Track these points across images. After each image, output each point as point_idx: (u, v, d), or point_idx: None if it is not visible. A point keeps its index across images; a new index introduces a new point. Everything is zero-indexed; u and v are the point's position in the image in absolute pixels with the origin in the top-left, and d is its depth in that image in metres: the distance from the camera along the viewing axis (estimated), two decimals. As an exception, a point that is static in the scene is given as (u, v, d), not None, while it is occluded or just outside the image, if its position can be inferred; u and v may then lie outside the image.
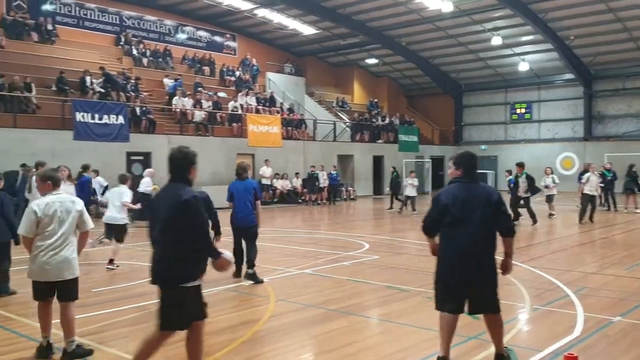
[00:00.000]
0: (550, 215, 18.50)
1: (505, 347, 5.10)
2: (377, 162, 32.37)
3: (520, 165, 17.25)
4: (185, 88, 25.67)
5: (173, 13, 30.55)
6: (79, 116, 19.43)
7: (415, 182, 21.11)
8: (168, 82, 26.03)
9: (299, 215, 21.02)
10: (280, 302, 7.42)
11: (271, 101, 29.39)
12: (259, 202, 8.92)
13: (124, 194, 10.28)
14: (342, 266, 10.10)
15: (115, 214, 10.20)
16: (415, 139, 33.86)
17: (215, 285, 8.38)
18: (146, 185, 16.04)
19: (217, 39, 32.78)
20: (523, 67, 33.63)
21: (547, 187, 19.14)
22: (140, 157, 21.59)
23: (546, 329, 6.26)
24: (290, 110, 30.28)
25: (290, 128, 28.36)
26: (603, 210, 20.42)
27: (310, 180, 25.80)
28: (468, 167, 4.96)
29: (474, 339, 5.80)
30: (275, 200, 24.95)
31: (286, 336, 5.97)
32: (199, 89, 26.21)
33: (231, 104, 26.26)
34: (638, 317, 6.59)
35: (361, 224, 18.45)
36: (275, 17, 30.61)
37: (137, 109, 22.48)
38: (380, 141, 32.98)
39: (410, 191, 20.88)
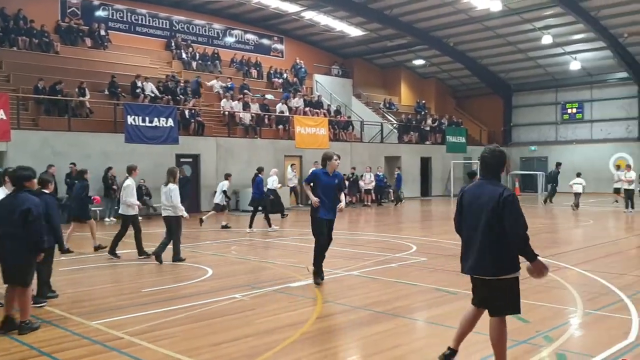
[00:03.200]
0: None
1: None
2: (425, 163, 32.10)
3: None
4: (234, 92, 26.13)
5: (221, 17, 31.11)
6: (130, 119, 20.00)
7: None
8: (216, 84, 26.51)
9: (345, 217, 21.05)
10: (328, 303, 7.47)
11: (318, 103, 29.55)
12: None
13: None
14: (390, 268, 10.08)
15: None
16: (463, 140, 33.41)
17: (263, 287, 8.52)
18: (273, 182, 18.03)
19: (265, 41, 33.18)
20: (574, 66, 32.74)
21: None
22: (189, 159, 22.07)
23: (599, 333, 6.11)
24: (338, 111, 30.36)
25: (337, 129, 28.45)
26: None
27: (351, 182, 25.84)
28: (483, 164, 4.86)
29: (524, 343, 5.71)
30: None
31: (333, 338, 6.03)
32: (245, 91, 26.60)
33: (279, 106, 26.54)
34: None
35: (409, 225, 18.34)
36: (322, 19, 30.77)
37: (186, 112, 22.99)
38: (427, 142, 32.71)
39: None
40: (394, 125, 32.41)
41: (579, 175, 23.70)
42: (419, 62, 36.38)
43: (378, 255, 11.41)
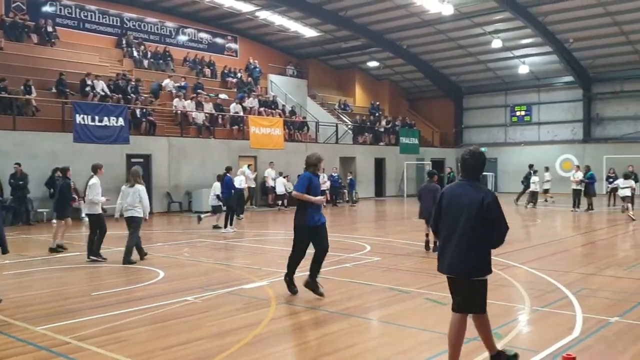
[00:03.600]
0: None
1: (504, 350, 5.13)
2: (379, 164, 32.44)
3: None
4: (187, 91, 25.77)
5: (174, 15, 30.66)
6: (79, 118, 19.49)
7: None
8: (169, 84, 26.09)
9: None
10: (282, 304, 7.45)
11: (273, 103, 29.47)
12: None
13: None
14: (344, 268, 10.13)
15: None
16: (416, 141, 34.05)
17: (215, 289, 8.43)
18: (240, 182, 17.91)
19: (219, 40, 32.87)
20: (523, 69, 33.71)
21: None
22: (140, 160, 21.65)
23: (546, 330, 6.30)
24: (293, 112, 30.35)
25: (292, 130, 28.44)
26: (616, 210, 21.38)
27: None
28: (463, 166, 4.93)
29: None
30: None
31: (287, 339, 6.01)
32: (199, 90, 26.28)
33: (233, 105, 26.33)
34: (636, 317, 6.63)
35: (363, 225, 18.48)
36: (277, 19, 30.69)
37: (137, 111, 22.54)
38: (381, 143, 33.07)
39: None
40: (349, 126, 32.62)
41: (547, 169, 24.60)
42: (373, 64, 36.76)
43: (332, 256, 11.41)
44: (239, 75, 30.64)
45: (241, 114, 26.16)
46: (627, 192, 18.66)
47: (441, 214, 4.87)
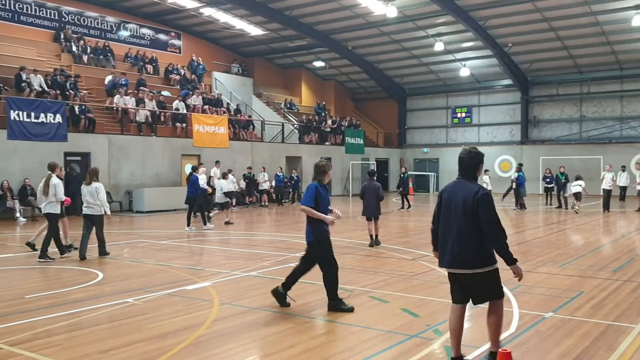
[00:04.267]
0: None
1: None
2: (324, 164, 32.54)
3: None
4: (127, 87, 25.11)
5: (115, 10, 29.85)
6: (13, 114, 18.72)
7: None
8: (110, 80, 25.37)
9: (245, 218, 20.90)
10: (225, 305, 7.36)
11: (218, 101, 29.11)
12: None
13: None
14: (289, 267, 10.05)
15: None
16: (361, 141, 34.44)
17: (156, 290, 8.26)
18: (203, 182, 17.37)
19: (162, 36, 32.23)
20: (464, 72, 34.58)
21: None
22: (78, 158, 20.98)
23: (483, 326, 6.44)
24: (238, 110, 30.08)
25: (237, 128, 28.19)
26: (553, 209, 22.73)
27: (248, 182, 25.76)
28: (460, 164, 5.12)
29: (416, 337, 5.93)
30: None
31: (230, 340, 5.94)
32: (142, 87, 25.68)
33: (176, 103, 25.85)
34: (568, 312, 6.91)
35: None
36: (222, 16, 30.35)
37: (76, 108, 21.82)
38: (327, 143, 33.23)
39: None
40: (295, 125, 32.63)
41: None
42: (319, 64, 36.89)
43: (277, 255, 11.42)
44: (182, 72, 30.12)
45: (184, 111, 25.73)
46: (579, 189, 21.02)
47: (441, 211, 5.09)
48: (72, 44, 26.62)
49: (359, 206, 13.71)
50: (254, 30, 32.18)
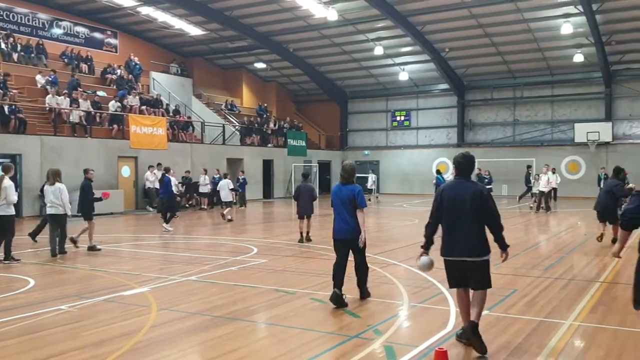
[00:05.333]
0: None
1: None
2: (267, 166, 32.47)
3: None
4: (60, 86, 24.22)
5: (47, 6, 28.74)
6: (-64, 114, 17.69)
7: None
8: (41, 79, 24.41)
9: (185, 221, 20.55)
10: (163, 311, 7.21)
11: (156, 102, 28.47)
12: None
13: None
14: (230, 271, 10.01)
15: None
16: (303, 143, 34.54)
17: (92, 296, 8.01)
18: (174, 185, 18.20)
19: (97, 35, 31.27)
20: (403, 76, 35.23)
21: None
22: (8, 160, 20.02)
23: (423, 324, 6.62)
24: (177, 111, 29.54)
25: (176, 130, 27.67)
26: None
27: (188, 185, 25.38)
28: (459, 167, 5.80)
29: (356, 338, 5.99)
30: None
31: (168, 346, 5.82)
32: (76, 87, 24.82)
33: (112, 103, 25.11)
34: (502, 310, 7.15)
35: (250, 227, 18.39)
36: (160, 15, 29.73)
37: (6, 108, 20.86)
38: (270, 145, 33.12)
39: None
40: (236, 127, 32.35)
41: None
42: (260, 65, 36.71)
43: (218, 259, 11.28)
44: (118, 72, 29.30)
45: (121, 112, 25.04)
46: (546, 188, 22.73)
47: (442, 208, 5.70)
48: (1, 41, 25.44)
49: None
50: (194, 30, 31.70)
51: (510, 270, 10.01)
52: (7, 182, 10.79)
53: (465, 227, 5.59)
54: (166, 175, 17.43)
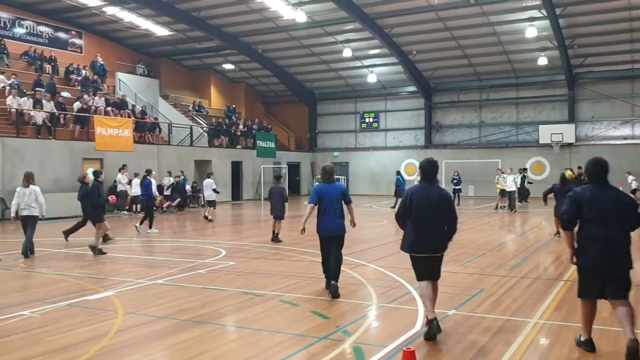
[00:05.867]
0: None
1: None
2: (236, 167, 32.26)
3: None
4: (23, 87, 23.66)
5: (9, 5, 28.05)
6: None
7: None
8: (5, 80, 23.79)
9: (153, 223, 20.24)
10: (130, 315, 7.09)
11: (122, 103, 28.02)
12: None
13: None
14: (197, 274, 9.91)
15: None
16: (272, 145, 34.43)
17: (56, 301, 7.83)
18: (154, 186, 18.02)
19: (61, 35, 30.64)
20: (371, 78, 35.45)
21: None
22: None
23: (391, 324, 6.66)
24: (143, 112, 29.13)
25: (143, 131, 27.28)
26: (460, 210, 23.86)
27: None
28: (424, 172, 6.30)
29: (325, 339, 5.99)
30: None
31: (135, 350, 5.73)
32: (39, 88, 24.27)
33: (76, 104, 24.62)
34: (469, 309, 7.24)
35: (218, 230, 18.23)
36: (126, 15, 29.30)
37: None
38: (238, 147, 32.94)
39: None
40: (204, 128, 32.07)
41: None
42: (228, 66, 36.48)
43: (185, 262, 11.16)
44: (83, 72, 28.76)
45: (86, 113, 24.57)
46: (513, 188, 24.00)
47: (411, 209, 6.16)
48: (-41, 39, 24.74)
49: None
50: (160, 31, 31.33)
51: (477, 269, 10.16)
52: None
53: (433, 227, 6.13)
54: (147, 177, 17.46)
